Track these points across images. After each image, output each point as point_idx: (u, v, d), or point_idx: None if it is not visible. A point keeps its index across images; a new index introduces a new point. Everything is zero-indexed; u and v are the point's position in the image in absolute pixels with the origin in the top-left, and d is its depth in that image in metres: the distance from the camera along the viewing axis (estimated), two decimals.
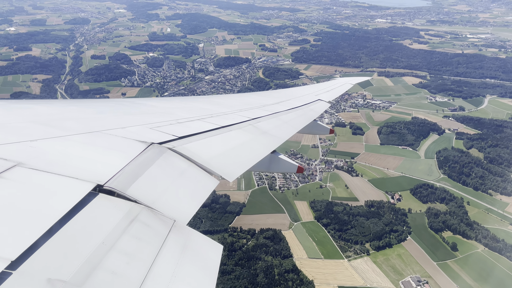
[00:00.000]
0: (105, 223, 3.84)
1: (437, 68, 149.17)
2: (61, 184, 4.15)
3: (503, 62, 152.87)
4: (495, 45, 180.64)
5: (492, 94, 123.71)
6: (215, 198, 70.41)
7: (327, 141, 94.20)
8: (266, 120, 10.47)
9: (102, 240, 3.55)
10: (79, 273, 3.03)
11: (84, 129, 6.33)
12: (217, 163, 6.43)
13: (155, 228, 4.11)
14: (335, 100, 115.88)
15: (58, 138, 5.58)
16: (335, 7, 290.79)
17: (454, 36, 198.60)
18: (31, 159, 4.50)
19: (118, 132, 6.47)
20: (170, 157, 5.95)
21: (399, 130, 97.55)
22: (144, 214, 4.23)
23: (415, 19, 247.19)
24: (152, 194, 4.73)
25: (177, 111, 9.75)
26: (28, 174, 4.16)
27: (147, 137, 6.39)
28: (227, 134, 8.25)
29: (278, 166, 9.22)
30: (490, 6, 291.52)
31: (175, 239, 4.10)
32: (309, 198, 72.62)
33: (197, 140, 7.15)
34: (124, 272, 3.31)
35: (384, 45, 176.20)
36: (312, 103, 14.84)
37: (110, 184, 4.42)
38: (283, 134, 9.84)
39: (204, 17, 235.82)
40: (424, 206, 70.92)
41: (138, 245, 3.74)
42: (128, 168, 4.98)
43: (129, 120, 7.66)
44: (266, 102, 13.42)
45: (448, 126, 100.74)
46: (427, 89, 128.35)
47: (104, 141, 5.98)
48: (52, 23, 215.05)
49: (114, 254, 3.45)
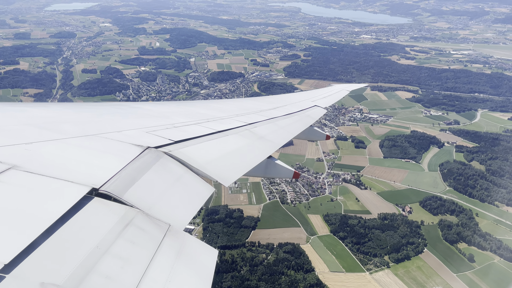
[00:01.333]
0: (99, 226, 3.81)
1: (427, 83, 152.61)
2: (56, 187, 4.13)
3: (489, 77, 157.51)
4: (479, 61, 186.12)
5: (483, 108, 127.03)
6: (228, 213, 69.77)
7: (331, 155, 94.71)
8: (263, 125, 10.51)
9: (97, 244, 3.51)
10: (72, 277, 3.00)
11: (79, 132, 6.34)
12: (213, 167, 6.45)
13: (150, 233, 4.09)
14: (334, 115, 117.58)
15: (53, 141, 5.57)
16: (320, 23, 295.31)
17: (438, 52, 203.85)
18: (26, 162, 4.49)
19: (114, 136, 6.49)
20: (167, 163, 5.94)
21: (401, 143, 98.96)
22: (139, 218, 4.21)
23: (398, 36, 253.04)
24: (148, 199, 4.71)
25: (174, 115, 9.81)
26: (23, 177, 4.13)
27: (143, 141, 6.43)
28: (223, 139, 8.30)
29: (275, 171, 9.22)
30: (469, 24, 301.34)
31: (170, 243, 4.08)
32: (321, 211, 72.55)
33: (193, 144, 7.19)
34: (118, 277, 3.27)
35: (374, 61, 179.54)
36: (308, 109, 15.06)
37: (107, 188, 4.41)
38: (280, 140, 9.88)
39: (192, 31, 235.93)
40: (435, 218, 71.66)
41: (132, 250, 3.72)
42: (125, 173, 4.96)
43: (125, 124, 7.71)
44: (263, 107, 13.49)
45: (447, 139, 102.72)
46: (420, 103, 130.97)
47: (100, 145, 5.97)
48: (37, 37, 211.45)
49: (109, 258, 3.41)
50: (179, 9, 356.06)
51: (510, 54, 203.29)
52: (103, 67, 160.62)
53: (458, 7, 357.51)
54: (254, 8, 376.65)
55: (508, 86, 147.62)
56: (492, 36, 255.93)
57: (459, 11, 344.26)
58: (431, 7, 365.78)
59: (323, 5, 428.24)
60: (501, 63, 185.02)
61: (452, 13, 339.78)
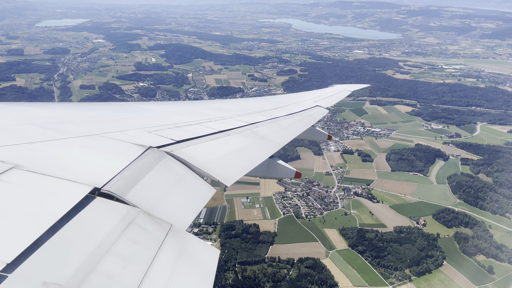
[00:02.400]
0: (101, 226, 3.82)
1: (424, 96, 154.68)
2: (58, 187, 4.16)
3: (484, 91, 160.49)
4: (472, 75, 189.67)
5: (482, 121, 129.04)
6: (244, 228, 69.20)
7: (339, 169, 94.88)
8: (264, 125, 10.60)
9: (99, 243, 3.53)
10: (74, 277, 3.02)
11: (82, 132, 6.37)
12: (215, 167, 6.52)
13: (152, 232, 4.11)
14: (337, 128, 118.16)
15: (56, 140, 5.62)
16: (312, 39, 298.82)
17: (431, 67, 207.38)
18: (29, 161, 4.53)
19: (116, 136, 6.53)
20: (169, 163, 5.98)
21: (407, 156, 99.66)
22: (141, 217, 4.23)
23: (390, 51, 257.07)
24: (151, 200, 4.74)
25: (175, 115, 9.91)
26: (25, 176, 4.17)
27: (145, 141, 6.48)
28: (225, 138, 8.36)
29: (276, 171, 9.36)
30: (457, 39, 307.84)
31: (171, 243, 4.10)
32: (337, 225, 72.29)
33: (195, 144, 7.23)
34: (120, 276, 3.30)
35: (369, 75, 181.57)
36: (310, 109, 15.22)
37: (109, 188, 4.43)
38: (281, 139, 9.95)
39: (186, 47, 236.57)
40: (449, 230, 71.86)
41: (134, 249, 3.74)
42: (127, 172, 4.99)
43: (128, 124, 7.77)
44: (265, 107, 13.59)
45: (451, 152, 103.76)
46: (420, 116, 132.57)
47: (102, 144, 6.01)
48: (30, 53, 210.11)
49: (110, 257, 3.44)
50: (171, 25, 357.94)
51: (500, 68, 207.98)
52: (101, 83, 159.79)
53: (445, 23, 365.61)
54: (246, 24, 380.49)
55: (503, 99, 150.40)
56: (481, 51, 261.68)
57: (446, 27, 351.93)
58: (419, 23, 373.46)
59: (313, 21, 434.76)
60: (493, 77, 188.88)
61: (439, 29, 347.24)
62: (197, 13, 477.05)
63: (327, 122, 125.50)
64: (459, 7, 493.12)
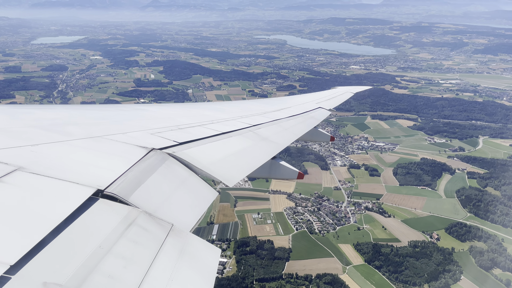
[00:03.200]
0: (102, 227, 3.84)
1: (424, 111, 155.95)
2: (61, 189, 4.19)
3: (482, 105, 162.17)
4: (469, 90, 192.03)
5: (483, 135, 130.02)
6: (259, 244, 68.57)
7: (347, 183, 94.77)
8: (267, 126, 10.68)
9: (99, 243, 3.55)
10: (75, 277, 3.04)
11: (85, 134, 6.42)
12: (217, 168, 6.57)
13: (152, 232, 4.13)
14: (342, 143, 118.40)
15: (59, 143, 5.66)
16: (308, 55, 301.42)
17: (428, 82, 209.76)
18: (32, 163, 4.56)
19: (119, 137, 6.59)
20: (172, 165, 6.02)
21: (414, 170, 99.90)
22: (142, 218, 4.25)
23: (386, 66, 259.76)
24: (154, 202, 4.76)
25: (178, 117, 9.96)
26: (29, 178, 4.20)
27: (148, 143, 6.54)
28: (227, 140, 8.44)
29: (279, 172, 9.44)
30: (450, 54, 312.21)
31: (172, 243, 4.12)
32: (351, 240, 71.86)
33: (197, 146, 7.30)
34: (121, 276, 3.31)
35: (369, 90, 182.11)
36: (312, 111, 15.35)
37: (112, 190, 4.45)
38: (284, 141, 10.06)
39: (184, 63, 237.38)
40: (463, 244, 71.69)
41: (135, 249, 3.76)
42: (131, 175, 5.02)
43: (130, 126, 7.80)
44: (267, 109, 13.67)
45: (456, 166, 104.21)
46: (422, 131, 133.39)
47: (105, 146, 6.06)
48: (28, 70, 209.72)
49: (111, 258, 3.45)
50: (167, 41, 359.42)
51: (495, 83, 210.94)
52: (101, 99, 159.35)
53: (438, 39, 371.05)
54: (241, 40, 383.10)
55: (502, 113, 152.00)
56: (475, 66, 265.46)
57: (439, 43, 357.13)
58: (412, 39, 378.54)
59: (307, 37, 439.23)
60: (490, 91, 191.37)
61: (432, 45, 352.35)
62: (191, 30, 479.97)
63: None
64: (449, 23, 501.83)
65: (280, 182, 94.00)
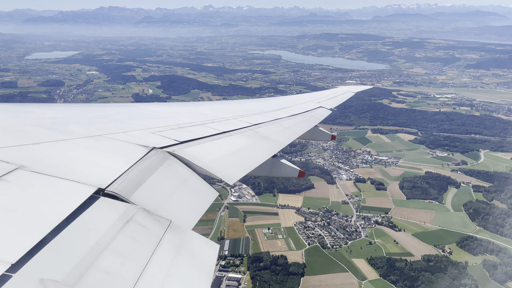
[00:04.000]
0: (100, 224, 3.85)
1: (424, 125, 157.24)
2: (62, 188, 4.20)
3: (480, 119, 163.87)
4: (465, 104, 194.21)
5: (484, 149, 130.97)
6: (273, 260, 67.74)
7: (354, 197, 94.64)
8: (267, 125, 10.77)
9: (97, 240, 3.56)
10: (72, 273, 3.05)
11: (86, 133, 6.45)
12: (217, 166, 6.62)
13: (150, 229, 4.15)
14: (345, 157, 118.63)
15: (60, 141, 5.69)
16: (303, 70, 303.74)
17: (424, 96, 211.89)
18: (33, 162, 4.58)
19: (120, 136, 6.62)
20: (173, 164, 6.05)
21: (420, 184, 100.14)
22: (140, 215, 4.27)
23: (382, 81, 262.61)
24: (155, 201, 4.78)
25: (179, 116, 10.04)
26: (30, 177, 4.22)
27: (148, 142, 6.56)
28: (227, 138, 8.49)
29: (280, 170, 9.49)
30: (443, 69, 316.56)
31: (170, 239, 4.14)
32: (364, 255, 71.42)
33: (198, 144, 7.35)
34: (118, 272, 3.33)
35: (367, 104, 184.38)
36: (313, 110, 15.49)
37: (113, 189, 4.46)
38: (284, 139, 10.12)
39: (182, 78, 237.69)
40: (476, 258, 71.55)
41: (133, 246, 3.76)
42: (132, 174, 5.04)
43: (131, 125, 7.86)
44: (268, 108, 13.89)
45: (461, 179, 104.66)
46: (424, 144, 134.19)
47: (106, 145, 6.08)
48: (24, 85, 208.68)
49: (108, 254, 3.46)
50: (162, 57, 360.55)
51: (490, 97, 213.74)
52: None
53: (430, 54, 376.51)
54: (236, 56, 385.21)
55: (500, 127, 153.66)
56: (468, 80, 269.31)
57: (432, 58, 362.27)
58: (405, 54, 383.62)
59: (301, 52, 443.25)
60: (485, 105, 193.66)
61: (425, 60, 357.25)
62: (186, 45, 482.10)
63: (334, 151, 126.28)
64: (440, 39, 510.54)
65: (287, 196, 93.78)
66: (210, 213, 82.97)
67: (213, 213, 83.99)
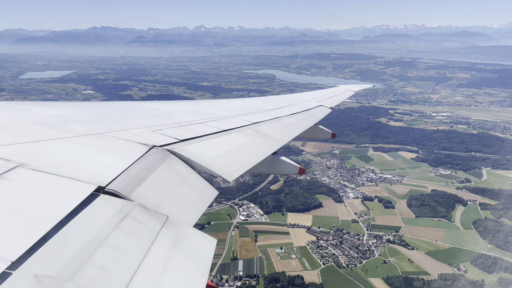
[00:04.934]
0: (96, 221, 3.86)
1: (423, 143, 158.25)
2: (62, 186, 4.21)
3: (478, 137, 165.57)
4: (461, 122, 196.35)
5: (485, 166, 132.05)
6: (289, 280, 66.83)
7: (363, 216, 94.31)
8: (267, 124, 10.88)
9: (93, 236, 3.57)
10: (67, 269, 3.06)
11: (86, 131, 6.49)
12: (216, 163, 6.64)
13: (147, 224, 4.15)
14: (350, 175, 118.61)
15: (60, 139, 5.73)
16: (298, 89, 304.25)
17: (421, 114, 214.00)
18: (33, 160, 4.60)
19: (120, 135, 6.66)
20: (173, 163, 6.08)
21: (428, 202, 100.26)
22: (137, 210, 4.28)
23: (377, 99, 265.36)
24: (155, 199, 4.80)
25: (179, 114, 10.07)
26: (30, 175, 4.23)
27: (149, 140, 6.61)
28: (226, 136, 8.53)
29: (280, 168, 9.54)
30: (436, 88, 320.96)
31: (167, 234, 4.15)
32: (380, 274, 70.80)
33: (197, 142, 7.39)
34: (114, 267, 3.34)
35: (366, 123, 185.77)
36: (313, 109, 15.73)
37: (114, 187, 4.48)
38: (283, 137, 10.20)
39: (179, 97, 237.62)
40: (491, 276, 71.30)
41: (129, 241, 3.78)
42: (132, 172, 5.07)
43: (132, 123, 7.94)
44: (268, 107, 13.95)
45: (467, 197, 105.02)
46: (426, 162, 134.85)
47: (106, 143, 6.10)
48: None
49: (104, 250, 3.47)
50: (157, 76, 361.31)
51: (485, 115, 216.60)
52: None
53: (422, 74, 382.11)
54: (230, 75, 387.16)
55: (498, 144, 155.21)
56: (462, 99, 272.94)
57: (424, 77, 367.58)
58: (397, 73, 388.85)
59: (294, 72, 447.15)
60: (481, 123, 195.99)
61: (418, 79, 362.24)
62: (180, 65, 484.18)
63: (338, 169, 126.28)
64: (430, 58, 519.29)
65: (296, 215, 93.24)
66: (220, 233, 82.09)
67: (224, 233, 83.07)
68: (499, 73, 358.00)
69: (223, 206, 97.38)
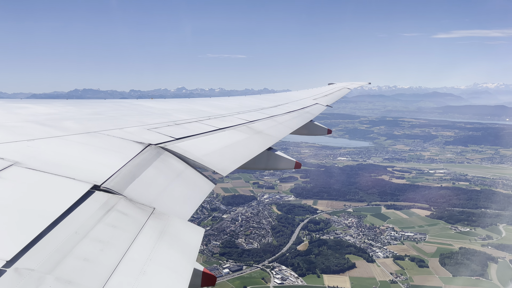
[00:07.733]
0: (80, 215, 3.81)
1: (432, 200, 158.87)
2: (57, 184, 4.19)
3: (483, 193, 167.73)
4: (461, 179, 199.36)
5: (500, 223, 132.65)
6: None
7: (400, 276, 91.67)
8: (262, 121, 11.10)
9: (75, 230, 3.53)
10: (47, 262, 3.05)
11: (81, 129, 6.51)
12: (210, 159, 6.79)
13: (132, 216, 4.15)
14: (373, 234, 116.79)
15: (55, 138, 5.71)
16: (292, 147, 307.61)
17: (419, 172, 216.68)
18: (28, 158, 4.57)
19: (116, 133, 6.69)
20: (167, 159, 6.13)
21: (461, 260, 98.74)
22: (122, 203, 4.26)
23: (372, 157, 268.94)
24: (149, 195, 4.81)
25: (175, 112, 10.18)
26: (25, 173, 4.21)
27: (144, 138, 6.67)
28: (221, 133, 8.67)
29: (276, 163, 9.77)
30: (425, 146, 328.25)
31: (152, 225, 4.16)
32: None
33: (191, 139, 7.48)
34: (97, 258, 3.32)
35: (370, 181, 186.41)
36: (309, 107, 16.21)
37: (108, 184, 4.47)
38: (278, 133, 10.42)
39: None
40: None
41: (113, 233, 3.76)
42: (126, 169, 5.06)
43: (127, 121, 7.98)
44: (264, 105, 14.22)
45: (496, 254, 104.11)
46: (442, 220, 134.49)
47: (101, 142, 6.12)
48: None
49: (87, 242, 3.45)
50: None
51: (480, 172, 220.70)
52: None
53: (408, 132, 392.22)
54: None
55: (505, 201, 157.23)
56: (452, 156, 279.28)
57: (410, 135, 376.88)
58: (384, 132, 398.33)
59: None
60: (480, 180, 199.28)
61: (405, 137, 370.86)
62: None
63: (359, 228, 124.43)
64: (411, 117, 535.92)
65: (332, 277, 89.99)
66: None
67: None
68: (481, 131, 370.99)
69: (254, 269, 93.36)
